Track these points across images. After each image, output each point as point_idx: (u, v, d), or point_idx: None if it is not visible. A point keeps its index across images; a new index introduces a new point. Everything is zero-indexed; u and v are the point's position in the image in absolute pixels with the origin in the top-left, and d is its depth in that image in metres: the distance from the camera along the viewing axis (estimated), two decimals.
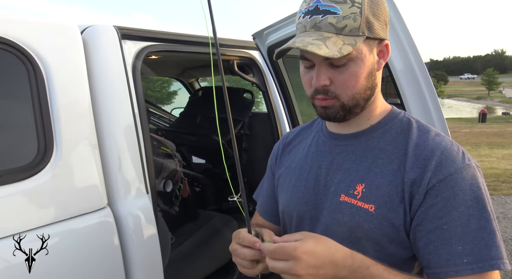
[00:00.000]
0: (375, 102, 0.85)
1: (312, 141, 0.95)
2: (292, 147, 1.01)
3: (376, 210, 0.76)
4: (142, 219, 1.35)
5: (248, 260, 0.72)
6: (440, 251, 0.71)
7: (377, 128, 0.84)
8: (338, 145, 0.87)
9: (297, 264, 0.64)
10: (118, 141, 1.35)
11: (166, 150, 1.85)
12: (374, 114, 0.85)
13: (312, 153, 0.92)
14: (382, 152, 0.81)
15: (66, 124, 1.20)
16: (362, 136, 0.85)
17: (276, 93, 2.12)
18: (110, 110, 1.35)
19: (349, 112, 0.80)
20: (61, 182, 1.15)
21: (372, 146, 0.83)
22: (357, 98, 0.79)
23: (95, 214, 1.22)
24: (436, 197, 0.72)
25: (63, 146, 1.18)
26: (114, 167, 1.32)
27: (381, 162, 0.80)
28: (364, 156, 0.83)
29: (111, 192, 1.31)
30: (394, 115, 0.86)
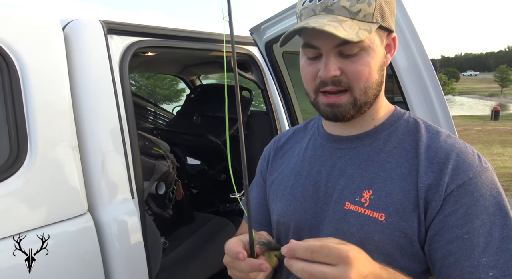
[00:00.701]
0: (380, 101, 0.78)
1: (308, 144, 0.87)
2: (285, 150, 0.92)
3: (387, 219, 0.69)
4: (126, 226, 1.27)
5: (246, 272, 0.64)
6: (462, 263, 0.64)
7: (382, 130, 0.77)
8: (339, 148, 0.79)
9: (351, 269, 0.53)
10: (102, 142, 1.27)
11: (159, 150, 1.77)
12: (379, 115, 0.79)
13: (309, 157, 0.84)
14: (390, 155, 0.74)
15: (43, 125, 1.12)
16: (366, 139, 0.77)
17: (276, 91, 2.02)
18: (92, 110, 1.27)
19: (359, 111, 0.73)
20: (35, 187, 1.08)
21: (378, 148, 0.75)
22: (369, 94, 0.72)
23: (73, 221, 1.14)
24: (455, 203, 0.66)
25: (38, 148, 1.10)
26: (96, 170, 1.24)
27: (389, 166, 0.73)
28: (369, 159, 0.75)
29: (92, 197, 1.23)
30: (399, 115, 0.79)
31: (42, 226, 1.07)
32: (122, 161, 1.31)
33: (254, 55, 2.01)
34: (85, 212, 1.18)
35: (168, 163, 1.78)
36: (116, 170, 1.29)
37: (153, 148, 1.73)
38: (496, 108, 21.97)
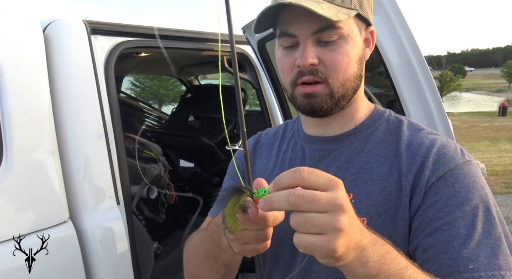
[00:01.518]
0: (360, 99, 0.75)
1: (287, 146, 0.82)
2: (262, 151, 0.87)
3: (369, 223, 0.65)
4: (111, 233, 1.22)
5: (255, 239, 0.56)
6: (440, 256, 0.60)
7: (362, 130, 0.74)
8: (318, 150, 0.75)
9: (342, 215, 0.45)
10: (84, 146, 1.22)
11: (150, 153, 1.72)
12: (359, 113, 0.75)
13: (288, 160, 0.79)
14: (370, 156, 0.71)
15: (19, 129, 1.07)
16: (346, 139, 0.74)
17: (270, 91, 1.96)
18: (74, 113, 1.22)
19: (336, 104, 0.70)
20: (10, 196, 1.03)
21: (359, 149, 0.72)
22: (347, 86, 0.69)
23: (53, 229, 1.09)
24: (434, 195, 0.63)
25: (14, 154, 1.05)
26: (78, 175, 1.20)
27: (370, 166, 0.69)
28: (349, 161, 0.71)
29: (74, 204, 1.18)
30: (379, 114, 0.76)
31: (19, 235, 1.02)
32: (106, 166, 1.26)
33: (248, 54, 1.96)
34: (66, 220, 1.13)
35: (160, 166, 1.73)
36: (100, 175, 1.24)
37: (144, 151, 1.68)
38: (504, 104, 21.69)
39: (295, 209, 0.45)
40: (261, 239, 0.55)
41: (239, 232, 0.53)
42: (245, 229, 0.54)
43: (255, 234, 0.55)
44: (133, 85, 13.46)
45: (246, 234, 0.55)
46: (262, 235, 0.55)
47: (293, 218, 0.46)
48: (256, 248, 0.56)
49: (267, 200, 0.47)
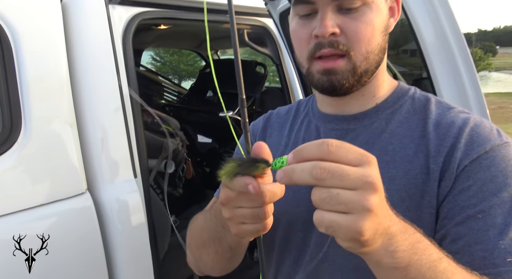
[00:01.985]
0: (382, 74, 0.68)
1: (300, 125, 0.76)
2: (273, 130, 0.81)
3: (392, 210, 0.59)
4: (128, 206, 1.23)
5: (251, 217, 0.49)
6: (473, 247, 0.54)
7: (384, 108, 0.68)
8: (334, 129, 0.70)
9: (373, 194, 0.40)
10: (101, 118, 1.22)
11: (168, 128, 1.71)
12: (381, 91, 0.69)
13: (302, 140, 0.74)
14: (393, 136, 0.65)
15: (38, 99, 1.07)
16: (366, 119, 0.68)
17: (291, 67, 1.91)
18: (92, 84, 1.21)
19: (359, 81, 0.64)
20: (29, 165, 1.04)
21: (379, 129, 0.66)
22: (370, 60, 0.63)
23: (71, 200, 1.10)
24: (467, 179, 0.57)
25: (32, 124, 1.05)
26: (96, 147, 1.20)
27: (392, 148, 0.63)
28: (369, 142, 0.66)
29: (92, 176, 1.19)
30: (404, 92, 0.69)
31: (38, 205, 1.04)
32: (123, 138, 1.25)
33: (269, 28, 1.89)
34: (84, 191, 1.14)
35: (177, 141, 1.72)
36: (117, 148, 1.24)
37: (161, 125, 1.67)
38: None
39: (319, 184, 0.40)
40: (259, 217, 0.48)
41: (234, 209, 0.48)
42: (240, 207, 0.48)
43: (251, 211, 0.48)
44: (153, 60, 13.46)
45: (241, 211, 0.49)
46: (259, 212, 0.48)
47: (315, 193, 0.40)
48: (254, 228, 0.50)
49: (288, 171, 0.41)
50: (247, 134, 0.50)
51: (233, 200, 0.48)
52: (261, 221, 0.49)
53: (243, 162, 0.47)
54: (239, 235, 0.51)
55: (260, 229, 0.50)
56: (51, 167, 1.07)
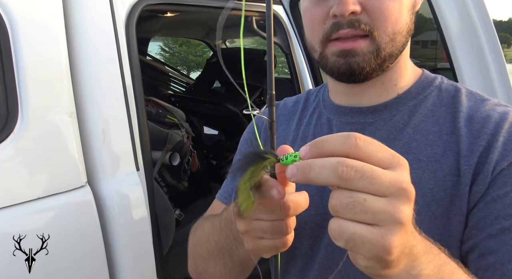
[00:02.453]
0: (404, 60, 0.61)
1: (310, 118, 0.69)
2: (279, 123, 0.74)
3: (415, 216, 0.52)
4: (129, 200, 1.18)
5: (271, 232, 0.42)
6: (506, 265, 0.47)
7: (407, 99, 0.60)
8: (349, 123, 0.62)
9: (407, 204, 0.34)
10: (103, 109, 1.16)
11: (173, 119, 1.66)
12: (403, 79, 0.61)
13: (312, 135, 0.67)
14: (417, 131, 0.57)
15: (36, 88, 1.02)
16: (385, 111, 0.60)
17: (301, 56, 1.83)
18: (93, 73, 1.15)
19: (380, 66, 0.56)
20: (26, 156, 0.99)
21: (402, 123, 0.59)
22: (396, 43, 0.55)
23: (70, 194, 1.05)
24: (504, 185, 0.50)
25: (30, 113, 1.00)
26: (96, 139, 1.14)
27: (416, 145, 0.56)
28: (390, 138, 0.58)
29: (92, 168, 1.14)
30: (429, 81, 0.62)
31: (34, 198, 0.99)
32: (126, 130, 1.20)
33: (279, 15, 1.82)
34: (83, 184, 1.09)
35: (183, 133, 1.67)
36: (119, 139, 1.18)
37: (166, 116, 1.61)
38: None
39: (343, 185, 0.33)
40: (280, 232, 0.41)
41: (252, 221, 0.41)
42: (258, 219, 0.41)
43: (271, 225, 0.41)
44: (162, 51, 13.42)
45: (260, 225, 0.41)
46: (280, 226, 0.41)
47: (336, 197, 0.33)
48: (273, 245, 0.42)
49: (303, 167, 0.34)
50: (273, 137, 0.42)
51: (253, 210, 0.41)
52: (281, 236, 0.42)
53: (248, 160, 0.38)
54: (255, 252, 0.44)
55: (279, 245, 0.42)
56: (48, 159, 1.02)
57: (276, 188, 0.38)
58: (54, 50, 1.07)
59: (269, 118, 0.42)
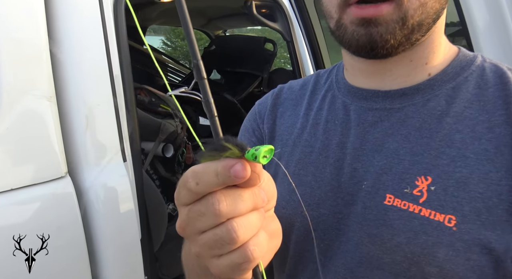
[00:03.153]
0: (438, 35, 0.51)
1: (321, 102, 0.59)
2: (285, 108, 0.64)
3: (460, 224, 0.43)
4: (115, 193, 1.09)
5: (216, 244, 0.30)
6: None
7: (443, 81, 0.50)
8: (372, 109, 0.52)
9: None
10: (86, 93, 1.07)
11: (167, 108, 1.56)
12: (436, 57, 0.51)
13: (324, 122, 0.57)
14: (459, 121, 0.47)
15: (11, 69, 0.92)
16: (417, 94, 0.50)
17: (303, 44, 1.73)
18: (75, 53, 1.06)
19: (407, 38, 0.46)
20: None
21: (438, 110, 0.49)
22: (428, 9, 0.46)
23: (47, 185, 0.96)
24: None
25: (4, 97, 0.91)
26: (79, 126, 1.05)
27: (460, 137, 0.46)
28: (424, 127, 0.48)
29: (73, 158, 1.05)
30: (468, 60, 0.51)
31: (7, 189, 0.90)
32: (111, 117, 1.10)
33: (281, 1, 1.72)
34: (63, 175, 1.00)
35: (176, 123, 1.57)
36: (104, 127, 1.09)
37: (160, 105, 1.52)
38: None
39: None
40: (226, 241, 0.30)
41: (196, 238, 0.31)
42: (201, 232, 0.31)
43: (213, 236, 0.30)
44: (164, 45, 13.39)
45: (203, 239, 0.31)
46: (221, 233, 0.30)
47: None
48: (232, 262, 0.30)
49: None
50: (214, 120, 0.31)
51: (188, 223, 0.31)
52: (231, 246, 0.30)
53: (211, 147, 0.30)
54: (221, 276, 0.32)
55: (239, 261, 0.30)
56: (23, 146, 0.93)
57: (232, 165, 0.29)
58: (31, 26, 0.97)
59: (203, 97, 0.31)
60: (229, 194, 0.30)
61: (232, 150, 0.29)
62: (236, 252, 0.30)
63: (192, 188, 0.29)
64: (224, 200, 0.29)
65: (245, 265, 0.30)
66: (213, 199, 0.29)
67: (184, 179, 0.30)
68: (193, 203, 0.30)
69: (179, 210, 0.32)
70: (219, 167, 0.29)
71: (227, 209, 0.29)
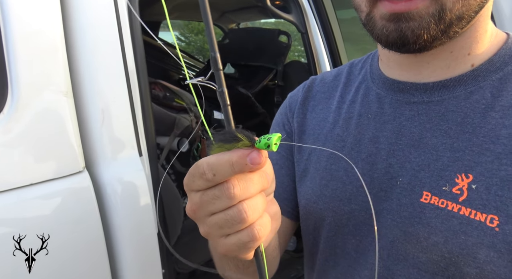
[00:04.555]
0: (483, 23, 0.47)
1: (355, 95, 0.58)
2: (317, 101, 0.62)
3: (503, 225, 0.41)
4: (131, 187, 1.10)
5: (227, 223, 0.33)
6: None
7: (488, 72, 0.47)
8: (409, 103, 0.50)
9: None
10: (102, 88, 1.07)
11: (181, 102, 1.56)
12: (480, 45, 0.48)
13: (357, 116, 0.55)
14: (506, 115, 0.45)
15: (27, 63, 0.93)
16: (458, 87, 0.48)
17: (319, 36, 1.70)
18: (90, 47, 1.06)
19: (444, 32, 0.43)
20: (16, 139, 0.90)
21: (483, 103, 0.46)
22: (470, 2, 0.43)
23: (65, 180, 0.97)
24: None
25: (20, 92, 0.91)
26: (95, 120, 1.05)
27: (507, 133, 0.44)
28: (466, 122, 0.46)
29: (90, 152, 1.05)
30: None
31: (25, 185, 0.91)
32: (127, 112, 1.10)
33: None
34: (81, 170, 1.01)
35: (191, 117, 1.57)
36: (120, 122, 1.09)
37: (174, 99, 1.52)
38: None
39: None
40: (236, 221, 0.32)
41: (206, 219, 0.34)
42: (212, 213, 0.34)
43: (224, 216, 0.33)
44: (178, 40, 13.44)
45: (214, 220, 0.33)
46: (233, 213, 0.32)
47: None
48: (238, 241, 0.33)
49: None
50: (227, 110, 0.35)
51: (201, 205, 0.34)
52: (240, 225, 0.33)
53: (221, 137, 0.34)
54: (228, 254, 0.35)
55: (245, 239, 0.33)
56: (41, 142, 0.94)
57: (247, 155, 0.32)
58: (47, 19, 0.97)
59: (218, 87, 0.35)
60: (241, 178, 0.32)
61: (243, 141, 0.32)
62: (244, 232, 0.33)
63: (210, 179, 0.32)
64: (237, 184, 0.32)
65: (251, 243, 0.33)
66: (228, 184, 0.32)
67: (199, 171, 0.32)
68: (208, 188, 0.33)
69: (189, 194, 0.35)
70: (233, 157, 0.31)
71: (240, 192, 0.32)
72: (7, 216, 0.87)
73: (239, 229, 0.33)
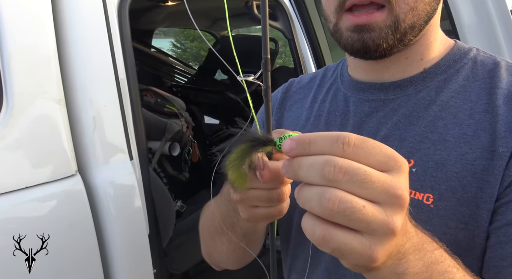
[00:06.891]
0: (433, 32, 0.55)
1: (325, 95, 0.64)
2: (293, 102, 0.69)
3: (437, 202, 0.48)
4: (122, 189, 1.14)
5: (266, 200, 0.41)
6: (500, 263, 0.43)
7: (435, 74, 0.54)
8: (369, 100, 0.57)
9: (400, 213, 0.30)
10: (93, 95, 1.12)
11: (172, 108, 1.61)
12: (431, 52, 0.55)
13: (326, 114, 0.62)
14: (444, 109, 0.52)
15: (21, 73, 0.98)
16: (409, 86, 0.55)
17: (305, 42, 1.76)
18: (82, 58, 1.11)
19: (401, 40, 0.50)
20: (11, 144, 0.95)
21: (427, 100, 0.53)
22: (419, 11, 0.49)
23: (58, 183, 1.02)
24: None
25: (15, 100, 0.96)
26: (87, 126, 1.10)
27: (443, 123, 0.51)
28: (413, 115, 0.53)
29: (83, 157, 1.10)
30: (462, 53, 0.55)
31: (19, 188, 0.95)
32: (118, 117, 1.15)
33: (282, 0, 1.75)
34: (73, 173, 1.05)
35: (182, 122, 1.62)
36: (111, 127, 1.14)
37: (165, 105, 1.57)
38: None
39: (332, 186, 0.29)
40: (275, 199, 0.40)
41: (247, 191, 0.41)
42: (253, 188, 0.40)
43: (266, 193, 0.40)
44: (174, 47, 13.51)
45: (254, 193, 0.41)
46: (276, 194, 0.40)
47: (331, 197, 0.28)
48: (268, 213, 0.42)
49: (294, 165, 0.32)
50: (269, 104, 0.39)
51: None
52: (276, 204, 0.41)
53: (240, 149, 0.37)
54: (250, 220, 0.43)
55: (274, 213, 0.42)
56: (35, 146, 0.99)
57: (262, 170, 0.38)
58: (41, 32, 1.03)
59: (264, 84, 0.39)
60: None
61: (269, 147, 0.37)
62: (276, 207, 0.41)
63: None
64: None
65: (276, 216, 0.42)
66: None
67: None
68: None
69: None
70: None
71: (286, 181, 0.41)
72: (3, 217, 0.91)
73: (274, 205, 0.41)
